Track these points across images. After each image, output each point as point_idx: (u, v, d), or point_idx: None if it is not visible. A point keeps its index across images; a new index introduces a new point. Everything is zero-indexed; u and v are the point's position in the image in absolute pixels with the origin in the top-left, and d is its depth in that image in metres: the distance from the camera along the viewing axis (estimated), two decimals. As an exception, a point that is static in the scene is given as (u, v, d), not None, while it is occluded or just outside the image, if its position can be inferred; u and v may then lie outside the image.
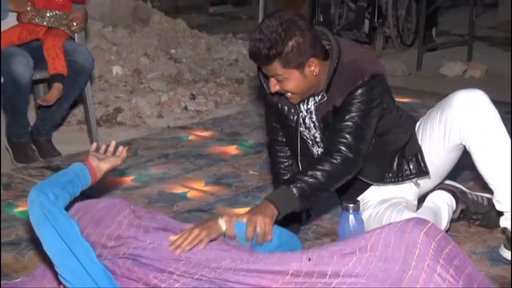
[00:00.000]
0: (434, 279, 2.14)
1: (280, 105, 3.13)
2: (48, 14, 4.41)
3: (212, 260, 2.41)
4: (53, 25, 4.42)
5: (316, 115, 3.09)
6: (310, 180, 2.86)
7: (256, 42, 2.81)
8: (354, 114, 2.95)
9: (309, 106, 3.09)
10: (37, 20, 4.36)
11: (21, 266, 3.08)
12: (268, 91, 3.05)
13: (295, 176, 2.92)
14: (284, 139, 3.26)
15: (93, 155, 2.79)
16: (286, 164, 3.30)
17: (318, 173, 2.88)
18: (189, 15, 9.18)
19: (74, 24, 4.46)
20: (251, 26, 8.73)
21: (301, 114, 3.11)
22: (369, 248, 2.23)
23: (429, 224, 2.24)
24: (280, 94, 3.03)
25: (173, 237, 2.54)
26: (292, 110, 3.11)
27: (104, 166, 2.79)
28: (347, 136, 2.94)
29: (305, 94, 2.99)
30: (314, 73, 2.91)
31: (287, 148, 3.28)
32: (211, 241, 2.54)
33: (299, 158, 3.22)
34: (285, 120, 3.15)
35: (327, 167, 2.90)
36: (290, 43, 2.80)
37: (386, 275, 2.15)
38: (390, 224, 2.32)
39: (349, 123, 2.94)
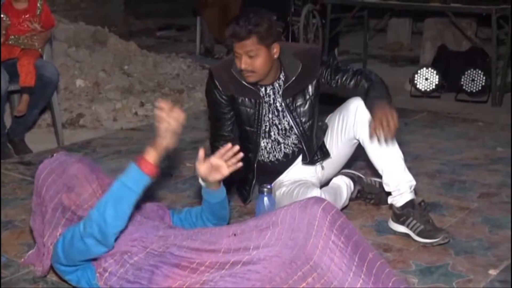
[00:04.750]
0: (330, 245, 2.17)
1: (241, 99, 3.16)
2: (21, 39, 4.35)
3: (161, 237, 2.41)
4: (26, 47, 4.36)
5: (282, 98, 3.15)
6: (377, 87, 3.08)
7: (239, 22, 2.91)
8: (339, 68, 3.16)
9: (270, 94, 3.16)
10: (12, 42, 4.31)
11: (-3, 243, 3.02)
12: (222, 94, 3.16)
13: (369, 95, 3.05)
14: (228, 135, 3.25)
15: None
16: None
17: (374, 86, 3.08)
18: (139, 38, 9.09)
19: (34, 38, 4.39)
20: (191, 47, 8.72)
21: (263, 103, 3.16)
22: (279, 222, 2.25)
23: (326, 202, 2.27)
24: (241, 89, 3.11)
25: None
26: (253, 100, 3.15)
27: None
28: (354, 73, 3.15)
29: (263, 75, 3.06)
30: (275, 56, 3.03)
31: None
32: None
33: (260, 139, 3.23)
34: (246, 109, 3.17)
35: (372, 82, 3.11)
36: (265, 25, 2.94)
37: (294, 243, 2.17)
38: (295, 202, 2.34)
39: (345, 71, 3.15)
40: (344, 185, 3.31)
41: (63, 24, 7.06)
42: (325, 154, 3.24)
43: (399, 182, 3.07)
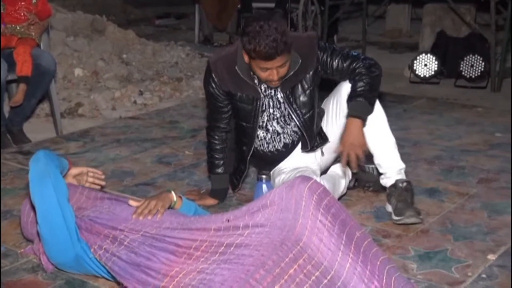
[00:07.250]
0: (317, 225, 2.18)
1: (239, 95, 3.12)
2: (18, 28, 4.34)
3: (155, 221, 2.44)
4: (23, 36, 4.35)
5: (281, 91, 3.11)
6: (366, 88, 2.97)
7: (271, 41, 2.79)
8: (337, 52, 3.08)
9: (271, 87, 3.11)
10: (7, 31, 4.31)
11: (-4, 232, 3.02)
12: (220, 89, 3.11)
13: (355, 91, 2.98)
14: (225, 126, 3.25)
15: None
16: (221, 147, 3.28)
17: (366, 81, 2.98)
18: (138, 27, 9.08)
19: (31, 28, 4.39)
20: (189, 35, 8.69)
21: (263, 98, 3.13)
22: (269, 204, 2.27)
23: (312, 181, 2.27)
24: (240, 85, 3.07)
25: (133, 202, 2.56)
26: (251, 97, 3.12)
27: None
28: (352, 58, 3.06)
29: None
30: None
31: (225, 134, 3.26)
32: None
33: (255, 134, 3.20)
34: (244, 105, 3.14)
35: (365, 75, 3.00)
36: (288, 33, 2.86)
37: (283, 223, 2.19)
38: (283, 183, 2.35)
39: (343, 56, 3.06)
40: (342, 173, 3.31)
41: (61, 14, 7.04)
42: (324, 139, 3.24)
43: (389, 164, 3.12)
